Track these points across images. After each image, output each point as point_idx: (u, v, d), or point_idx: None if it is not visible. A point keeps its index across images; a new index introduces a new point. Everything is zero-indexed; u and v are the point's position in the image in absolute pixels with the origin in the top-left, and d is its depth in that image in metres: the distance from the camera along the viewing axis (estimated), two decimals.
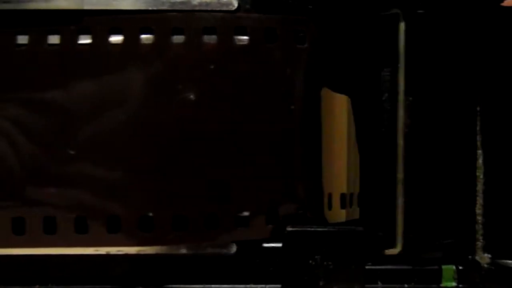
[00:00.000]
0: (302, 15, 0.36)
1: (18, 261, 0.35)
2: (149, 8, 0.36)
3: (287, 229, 0.36)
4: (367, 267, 0.36)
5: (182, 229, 0.35)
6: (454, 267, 0.37)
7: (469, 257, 0.38)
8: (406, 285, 0.37)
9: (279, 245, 0.36)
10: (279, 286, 0.36)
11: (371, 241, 0.36)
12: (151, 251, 0.35)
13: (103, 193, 0.35)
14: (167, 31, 0.35)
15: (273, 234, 0.36)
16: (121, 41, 0.35)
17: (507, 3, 0.36)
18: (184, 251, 0.36)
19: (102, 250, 0.35)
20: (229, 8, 0.36)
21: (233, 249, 0.36)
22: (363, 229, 0.36)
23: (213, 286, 0.36)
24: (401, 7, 0.36)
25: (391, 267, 0.37)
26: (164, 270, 0.36)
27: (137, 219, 0.35)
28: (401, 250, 0.37)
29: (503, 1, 0.36)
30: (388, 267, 0.37)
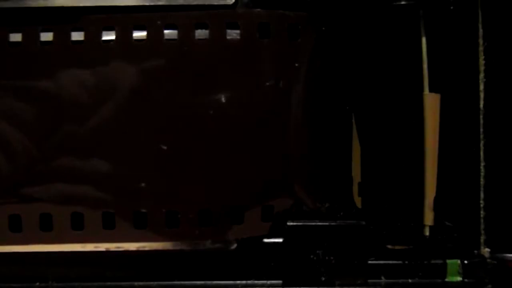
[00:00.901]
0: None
1: (16, 259, 0.35)
2: (146, 4, 0.36)
3: (288, 223, 0.35)
4: (370, 262, 0.36)
5: (175, 226, 0.35)
6: (459, 262, 0.37)
7: (474, 251, 0.37)
8: (410, 280, 0.36)
9: (280, 240, 0.35)
10: (280, 282, 0.35)
11: (373, 235, 0.36)
12: (150, 248, 0.35)
13: (100, 188, 0.35)
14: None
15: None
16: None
17: None
18: (183, 247, 0.35)
19: (101, 246, 0.35)
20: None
21: (234, 245, 0.35)
22: (365, 223, 0.36)
23: (214, 282, 0.35)
24: None
25: (395, 262, 0.36)
26: (164, 266, 0.36)
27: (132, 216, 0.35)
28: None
29: None
30: (391, 262, 0.36)
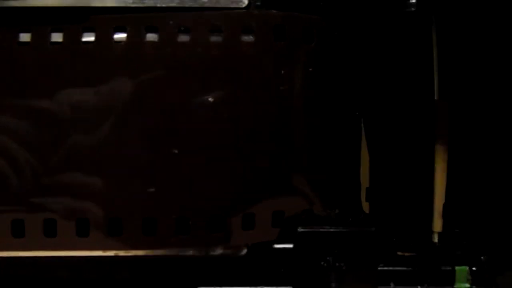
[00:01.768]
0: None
1: (23, 264, 0.35)
2: (157, 5, 0.35)
3: (298, 229, 0.35)
4: (379, 268, 0.36)
5: (186, 233, 0.35)
6: (467, 268, 0.37)
7: (482, 257, 0.37)
8: (419, 287, 0.36)
9: (290, 246, 0.35)
10: None
11: (383, 241, 0.36)
12: (159, 253, 0.35)
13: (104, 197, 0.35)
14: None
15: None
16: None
17: None
18: (194, 253, 0.35)
19: (110, 252, 0.35)
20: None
21: (244, 250, 0.35)
22: (375, 229, 0.35)
23: None
24: None
25: (404, 269, 0.36)
26: (174, 272, 0.35)
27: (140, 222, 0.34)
28: None
29: None
30: (401, 269, 0.36)
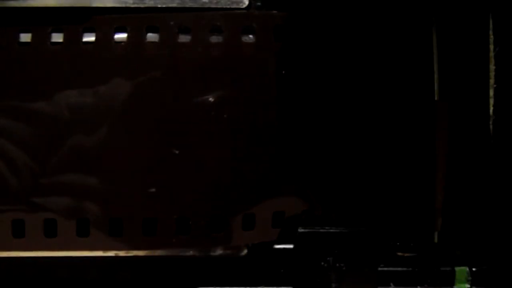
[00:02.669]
0: None
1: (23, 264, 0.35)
2: (158, 5, 0.35)
3: (299, 230, 0.35)
4: (379, 269, 0.36)
5: (186, 233, 0.35)
6: (467, 269, 0.37)
7: (482, 257, 0.37)
8: (419, 287, 0.36)
9: (291, 246, 0.35)
10: None
11: (383, 242, 0.36)
12: (160, 254, 0.35)
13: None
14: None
15: None
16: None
17: None
18: (195, 254, 0.35)
19: (110, 252, 0.35)
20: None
21: (244, 251, 0.35)
22: (375, 230, 0.36)
23: None
24: None
25: (404, 269, 0.36)
26: (174, 272, 0.35)
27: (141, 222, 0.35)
28: None
29: None
30: (400, 269, 0.36)
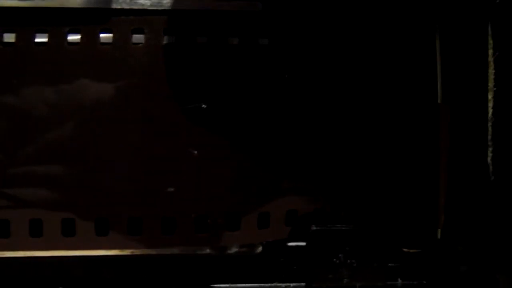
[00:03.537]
0: None
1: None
2: (170, 8, 0.36)
3: (312, 228, 0.36)
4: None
5: (204, 231, 0.35)
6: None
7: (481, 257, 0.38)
8: (424, 282, 0.38)
9: (303, 244, 0.36)
10: (303, 284, 0.36)
11: (392, 239, 0.37)
12: (177, 252, 0.35)
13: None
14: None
15: None
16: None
17: None
18: (210, 252, 0.36)
19: (127, 251, 0.35)
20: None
21: (259, 248, 0.36)
22: (384, 228, 0.37)
23: (238, 285, 0.36)
24: None
25: (410, 265, 0.38)
26: (190, 270, 0.36)
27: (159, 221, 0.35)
28: None
29: None
30: (407, 265, 0.37)
